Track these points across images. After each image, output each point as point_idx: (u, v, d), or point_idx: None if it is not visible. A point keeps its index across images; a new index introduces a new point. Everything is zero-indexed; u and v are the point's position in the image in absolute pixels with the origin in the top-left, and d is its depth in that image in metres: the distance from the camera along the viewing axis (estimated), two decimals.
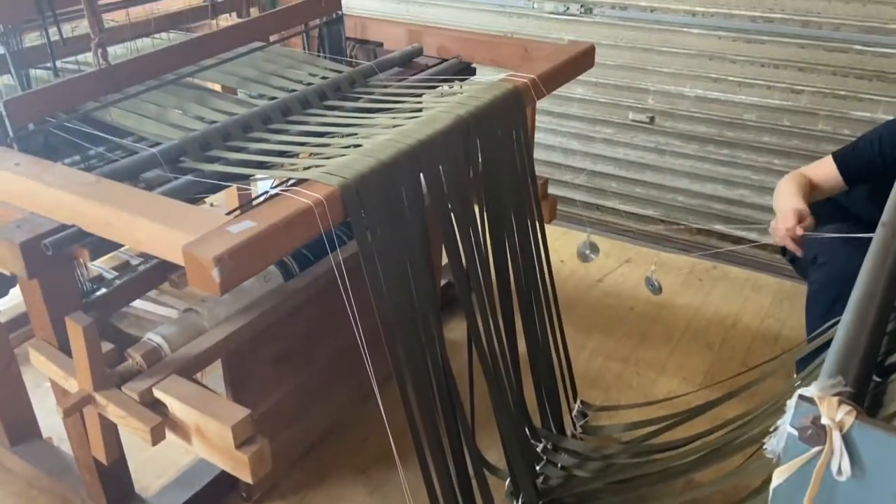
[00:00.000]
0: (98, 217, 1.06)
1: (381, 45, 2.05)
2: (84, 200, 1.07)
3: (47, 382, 2.02)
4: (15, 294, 1.75)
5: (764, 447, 0.71)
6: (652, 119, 2.64)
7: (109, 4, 1.48)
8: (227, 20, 2.11)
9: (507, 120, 1.49)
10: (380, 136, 1.31)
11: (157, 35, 1.86)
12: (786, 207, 1.68)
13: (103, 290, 1.41)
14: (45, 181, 1.12)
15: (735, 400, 1.52)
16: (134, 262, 1.65)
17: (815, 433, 0.63)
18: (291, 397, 1.65)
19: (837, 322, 1.30)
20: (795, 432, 0.64)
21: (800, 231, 1.61)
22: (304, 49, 2.02)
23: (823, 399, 0.62)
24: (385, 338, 1.24)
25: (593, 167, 2.82)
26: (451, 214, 1.35)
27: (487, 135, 1.43)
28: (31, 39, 1.52)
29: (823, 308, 1.60)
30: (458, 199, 1.36)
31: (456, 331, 1.88)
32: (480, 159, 1.43)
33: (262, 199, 1.72)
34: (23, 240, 1.09)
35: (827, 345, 1.34)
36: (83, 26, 1.58)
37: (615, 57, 2.60)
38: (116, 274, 1.62)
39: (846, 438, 0.62)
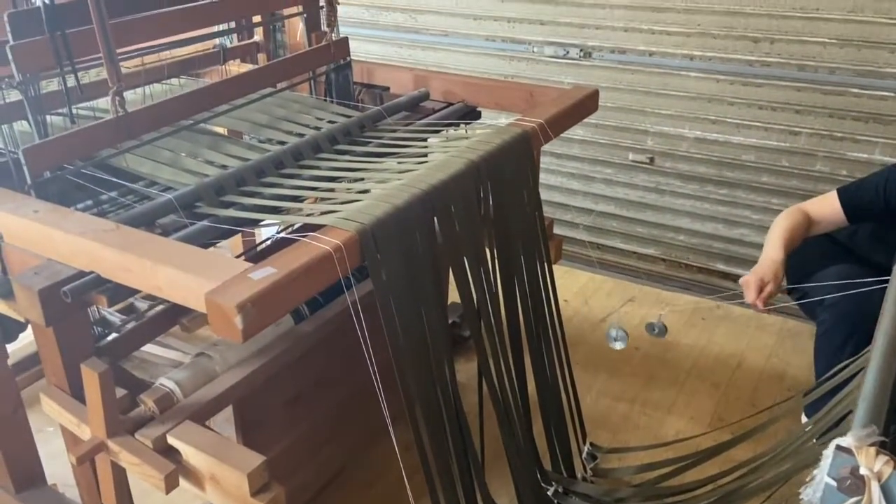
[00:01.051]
0: (118, 264, 1.07)
1: (387, 89, 2.09)
2: (104, 247, 1.08)
3: (51, 427, 2.00)
4: (22, 337, 1.75)
5: (800, 497, 0.71)
6: (652, 159, 2.67)
7: (125, 52, 1.51)
8: (235, 66, 2.15)
9: (517, 163, 1.51)
10: (393, 181, 1.33)
11: (167, 80, 1.89)
12: (763, 265, 1.73)
13: (114, 336, 1.41)
14: (65, 228, 1.12)
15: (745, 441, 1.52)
16: (139, 305, 1.65)
17: (853, 484, 0.63)
18: (301, 442, 1.64)
19: (849, 364, 1.31)
20: (833, 483, 0.64)
21: (760, 306, 1.66)
22: (312, 94, 2.05)
23: (861, 449, 0.63)
24: (399, 377, 1.24)
25: (594, 206, 2.85)
26: (464, 256, 1.36)
27: (497, 178, 1.45)
28: (46, 84, 1.54)
29: (834, 349, 1.61)
30: (470, 241, 1.37)
31: (462, 373, 1.87)
32: (491, 202, 1.45)
33: (268, 243, 1.75)
34: (42, 287, 1.09)
35: (839, 387, 1.36)
36: (96, 72, 1.61)
37: (615, 99, 2.65)
38: (122, 318, 1.62)
39: (885, 489, 0.62)
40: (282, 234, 1.68)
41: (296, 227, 1.29)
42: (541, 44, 2.73)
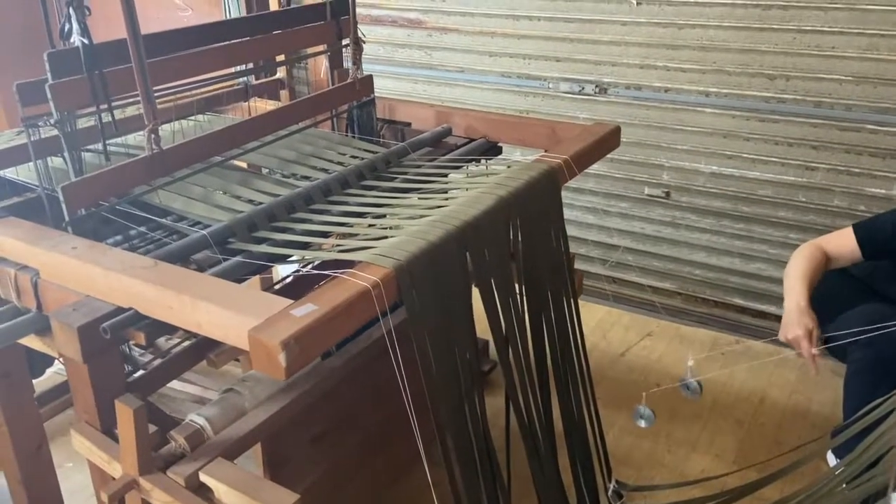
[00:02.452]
0: (158, 300, 1.07)
1: (408, 124, 2.11)
2: (143, 284, 1.08)
3: (70, 462, 1.99)
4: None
5: None
6: (667, 194, 2.69)
7: (157, 90, 1.53)
8: (259, 103, 2.18)
9: (544, 200, 1.52)
10: (425, 217, 1.34)
11: (193, 117, 1.91)
12: (793, 314, 1.72)
13: (142, 372, 1.41)
14: (103, 264, 1.13)
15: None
16: (160, 341, 1.65)
17: None
18: (326, 479, 1.62)
19: (881, 404, 1.31)
20: None
21: (815, 352, 1.65)
22: (333, 130, 2.07)
23: None
24: (433, 413, 1.24)
25: (609, 240, 2.86)
26: (495, 292, 1.36)
27: (525, 214, 1.46)
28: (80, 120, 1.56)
29: (866, 389, 1.60)
30: (500, 276, 1.38)
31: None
32: (520, 238, 1.45)
33: (289, 279, 1.76)
34: (81, 324, 1.09)
35: (870, 427, 1.34)
36: (130, 109, 1.63)
37: (630, 134, 2.67)
38: (139, 353, 1.62)
39: None
40: (302, 272, 1.70)
41: (316, 262, 1.30)
42: (556, 80, 2.77)
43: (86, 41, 1.29)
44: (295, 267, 1.69)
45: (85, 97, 1.34)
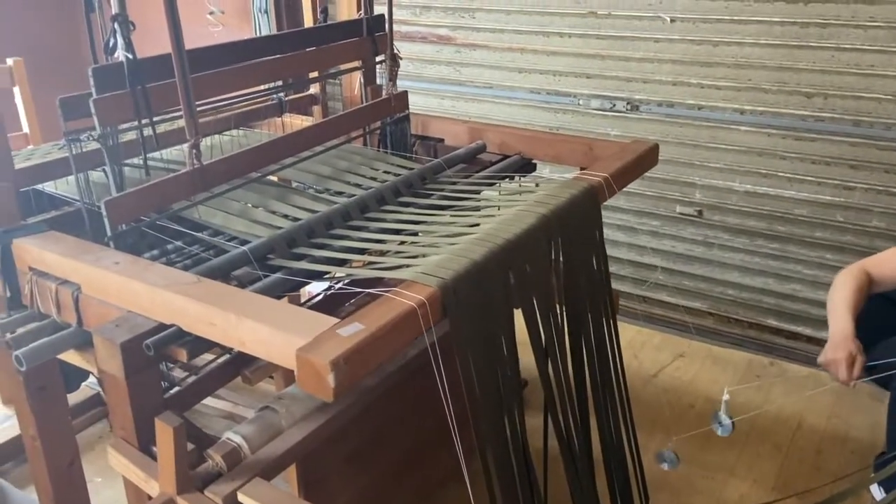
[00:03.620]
0: (201, 317, 1.06)
1: (441, 140, 2.10)
2: (187, 300, 1.07)
3: (99, 478, 1.98)
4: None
5: None
6: (700, 212, 2.65)
7: (198, 105, 1.53)
8: (292, 118, 2.18)
9: (584, 218, 1.50)
10: (466, 235, 1.32)
11: (227, 132, 1.92)
12: (837, 339, 1.68)
13: (177, 388, 1.39)
14: (147, 280, 1.12)
15: None
16: None
17: None
18: (360, 499, 1.60)
19: None
20: None
21: (856, 374, 1.61)
22: (366, 145, 2.07)
23: None
24: (474, 428, 1.21)
25: (639, 259, 2.83)
26: (537, 311, 1.34)
27: (567, 232, 1.44)
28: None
29: None
30: (542, 295, 1.35)
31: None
32: (561, 257, 1.43)
33: (319, 297, 1.74)
34: (123, 339, 1.08)
35: None
36: (169, 124, 1.63)
37: (662, 151, 2.59)
38: (170, 367, 1.61)
39: None
40: (334, 289, 1.68)
41: (348, 280, 1.29)
42: (587, 96, 2.75)
43: (130, 56, 1.29)
44: (325, 284, 1.68)
45: (128, 112, 1.34)
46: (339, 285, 1.54)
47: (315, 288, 1.88)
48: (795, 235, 2.50)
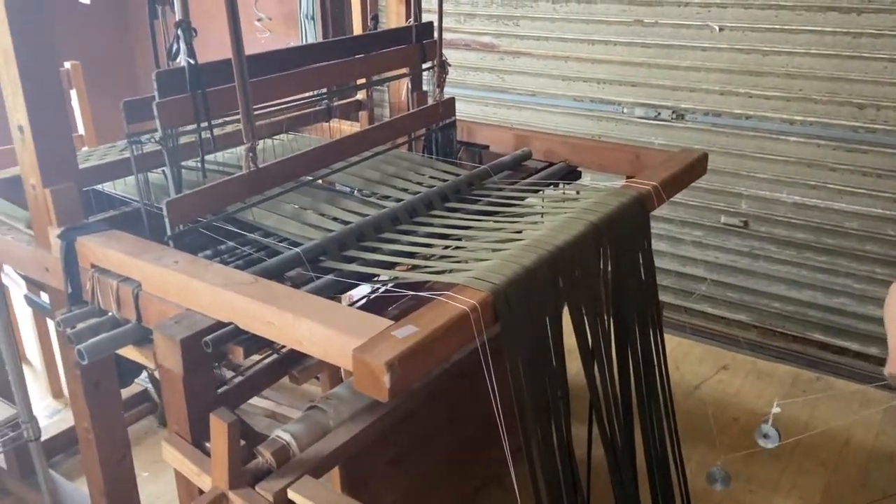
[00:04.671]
0: (259, 316, 1.08)
1: (486, 147, 2.11)
2: (246, 299, 1.09)
3: (145, 472, 2.03)
4: None
5: None
6: (745, 223, 2.62)
7: (256, 109, 1.56)
8: (336, 123, 2.20)
9: (633, 226, 1.49)
10: (516, 242, 1.32)
11: (276, 136, 1.95)
12: None
13: (227, 386, 1.42)
14: (206, 279, 1.15)
15: None
16: None
17: None
18: (402, 502, 1.61)
19: None
20: None
21: None
22: (410, 150, 2.09)
23: None
24: (522, 431, 1.21)
25: (681, 269, 2.80)
26: (585, 317, 1.34)
27: (615, 241, 1.43)
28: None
29: None
30: (590, 302, 1.35)
31: None
32: (609, 265, 1.43)
33: (363, 301, 1.75)
34: (183, 336, 1.11)
35: None
36: (222, 127, 1.67)
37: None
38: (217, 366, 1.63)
39: None
40: (379, 292, 1.69)
41: (386, 284, 1.30)
42: (631, 105, 2.74)
43: (192, 61, 1.32)
44: (368, 287, 1.70)
45: (188, 115, 1.37)
46: (383, 289, 1.55)
47: (359, 291, 1.90)
48: (845, 248, 2.45)
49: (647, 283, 1.55)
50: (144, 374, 2.03)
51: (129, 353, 1.30)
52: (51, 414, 2.32)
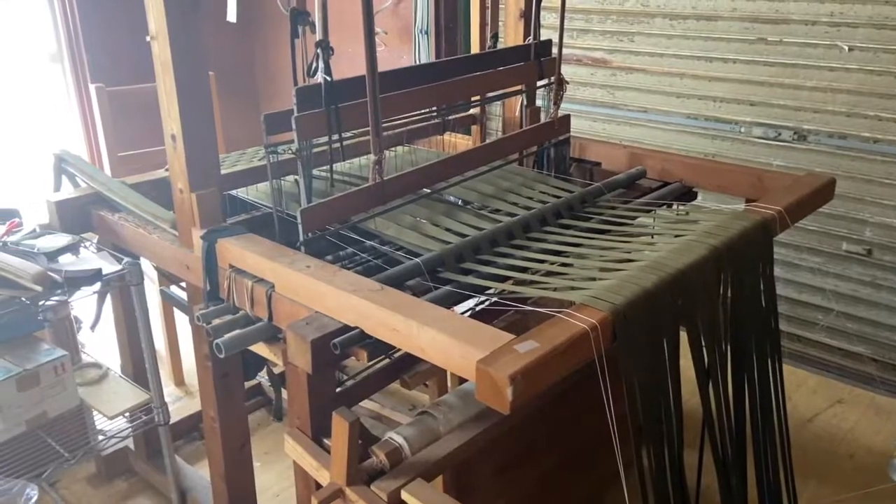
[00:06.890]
0: (385, 322, 1.14)
1: (598, 164, 2.11)
2: (373, 306, 1.15)
3: (258, 462, 2.14)
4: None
5: None
6: (869, 251, 2.49)
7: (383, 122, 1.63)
8: (451, 137, 2.26)
9: (755, 252, 1.46)
10: (634, 262, 1.32)
11: (394, 149, 2.02)
12: None
13: (345, 387, 1.49)
14: (335, 285, 1.22)
15: None
16: None
17: None
18: None
19: None
20: None
21: None
22: (521, 165, 2.11)
23: None
24: (636, 453, 1.21)
25: (797, 296, 2.68)
26: (703, 346, 1.32)
27: (737, 266, 1.41)
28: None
29: None
30: (708, 326, 1.33)
31: None
32: (729, 292, 1.40)
33: (468, 313, 1.79)
34: (314, 337, 1.18)
35: None
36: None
37: None
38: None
39: None
40: (485, 304, 1.72)
41: (490, 298, 1.32)
42: (749, 124, 2.66)
43: (328, 78, 1.40)
44: (474, 300, 1.73)
45: (322, 128, 1.45)
46: (488, 302, 1.58)
47: (465, 303, 1.94)
48: None
49: (767, 310, 1.51)
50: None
51: (259, 349, 1.38)
52: (173, 401, 2.48)
